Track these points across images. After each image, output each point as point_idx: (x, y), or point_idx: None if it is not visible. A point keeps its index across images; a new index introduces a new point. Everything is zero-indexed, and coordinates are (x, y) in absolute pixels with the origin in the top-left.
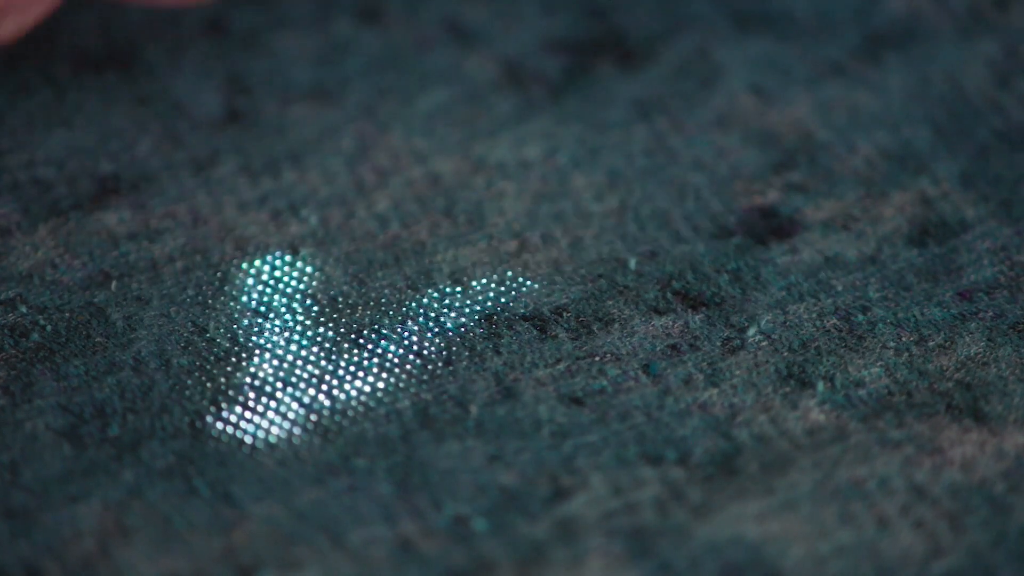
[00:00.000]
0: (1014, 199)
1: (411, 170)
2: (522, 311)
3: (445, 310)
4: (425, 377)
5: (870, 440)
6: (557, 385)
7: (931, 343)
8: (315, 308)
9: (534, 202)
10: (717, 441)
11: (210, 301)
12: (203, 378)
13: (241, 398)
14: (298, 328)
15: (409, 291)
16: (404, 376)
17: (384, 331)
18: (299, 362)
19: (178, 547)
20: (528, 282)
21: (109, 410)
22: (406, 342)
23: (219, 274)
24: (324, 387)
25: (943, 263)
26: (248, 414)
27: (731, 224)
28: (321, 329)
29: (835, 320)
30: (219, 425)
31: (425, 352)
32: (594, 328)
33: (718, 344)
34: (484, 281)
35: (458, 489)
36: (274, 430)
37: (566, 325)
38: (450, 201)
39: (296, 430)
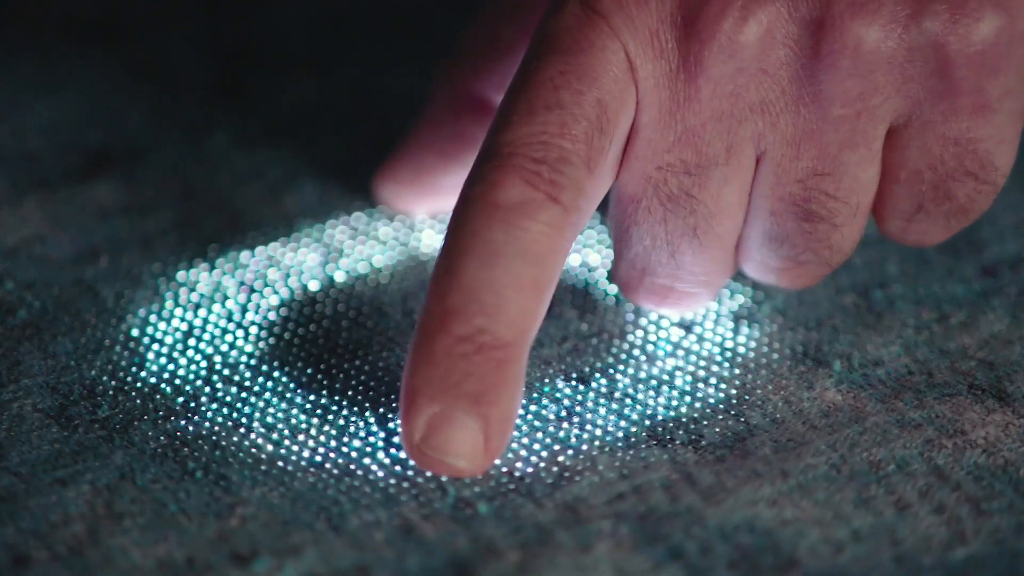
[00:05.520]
0: None
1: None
2: None
3: None
4: None
5: (889, 421)
6: (563, 364)
7: (952, 320)
8: (314, 284)
9: None
10: (729, 422)
11: (203, 277)
12: (196, 356)
13: (237, 377)
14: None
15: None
16: (406, 355)
17: (385, 308)
18: (297, 340)
19: (171, 532)
20: None
21: (99, 390)
22: (409, 320)
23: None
24: (323, 365)
25: (965, 237)
26: (244, 393)
27: None
28: (320, 307)
29: (853, 297)
30: (214, 405)
31: None
32: (602, 306)
33: (731, 321)
34: None
35: None
36: (271, 410)
37: (573, 303)
38: None
39: (294, 410)
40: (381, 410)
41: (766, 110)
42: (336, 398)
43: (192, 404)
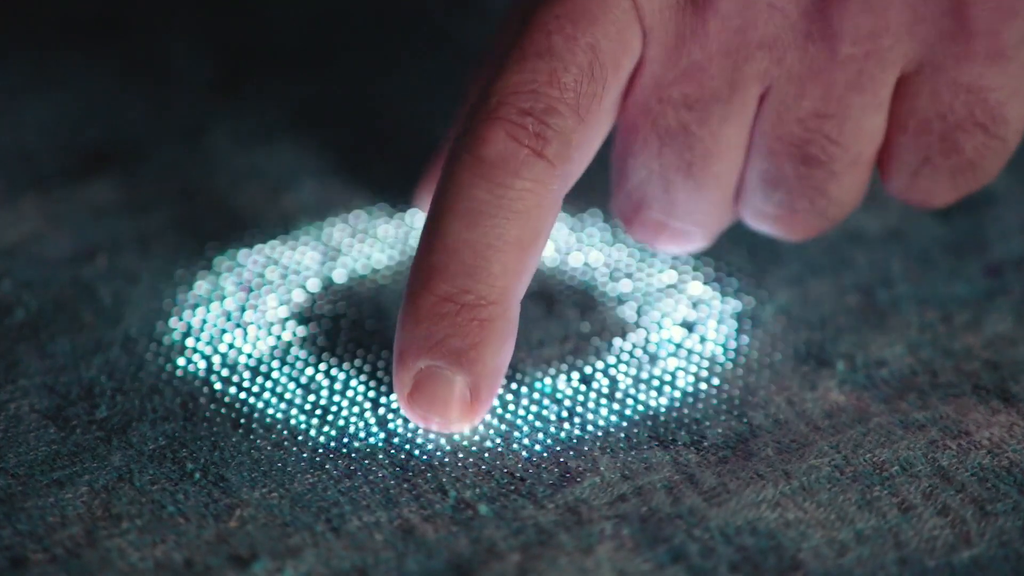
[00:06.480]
0: None
1: (411, 138)
2: (530, 288)
3: None
4: None
5: (892, 422)
6: (565, 363)
7: (957, 321)
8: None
9: None
10: (731, 423)
11: (201, 276)
12: (195, 357)
13: (236, 377)
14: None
15: None
16: None
17: (385, 308)
18: (296, 340)
19: (170, 534)
20: None
21: (97, 391)
22: None
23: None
24: (323, 365)
25: (969, 237)
26: (243, 394)
27: None
28: (319, 305)
29: (856, 296)
30: (213, 406)
31: None
32: (603, 305)
33: (733, 321)
34: None
35: (462, 473)
36: (270, 410)
37: (574, 302)
38: None
39: (293, 411)
40: (381, 411)
41: (773, 46)
42: (336, 399)
43: (191, 405)
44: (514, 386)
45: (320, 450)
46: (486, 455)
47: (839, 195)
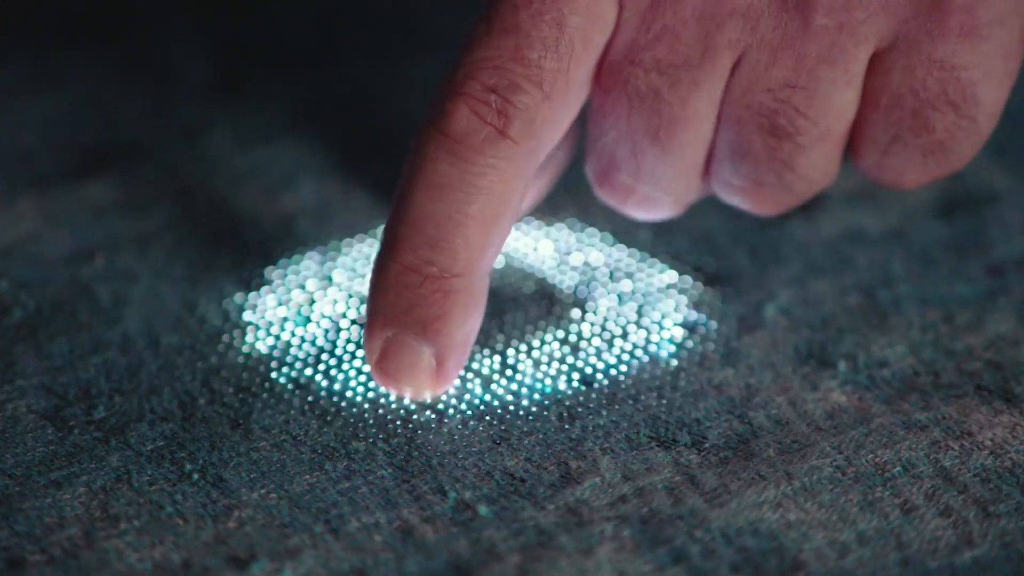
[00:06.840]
0: None
1: (411, 138)
2: (530, 288)
3: None
4: None
5: (894, 423)
6: (565, 364)
7: (959, 321)
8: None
9: None
10: (733, 424)
11: (200, 277)
12: (194, 357)
13: (234, 378)
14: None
15: None
16: None
17: None
18: (295, 341)
19: (168, 535)
20: (536, 258)
21: (95, 391)
22: None
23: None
24: (322, 366)
25: (971, 237)
26: (242, 394)
27: None
28: (318, 307)
29: (857, 297)
30: (212, 407)
31: None
32: (605, 306)
33: (734, 322)
34: None
35: (462, 473)
36: (269, 411)
37: (575, 303)
38: None
39: (292, 411)
40: (380, 411)
41: (747, 13)
42: (335, 399)
43: (189, 405)
44: (514, 386)
45: (319, 451)
46: (486, 455)
47: (806, 170)
